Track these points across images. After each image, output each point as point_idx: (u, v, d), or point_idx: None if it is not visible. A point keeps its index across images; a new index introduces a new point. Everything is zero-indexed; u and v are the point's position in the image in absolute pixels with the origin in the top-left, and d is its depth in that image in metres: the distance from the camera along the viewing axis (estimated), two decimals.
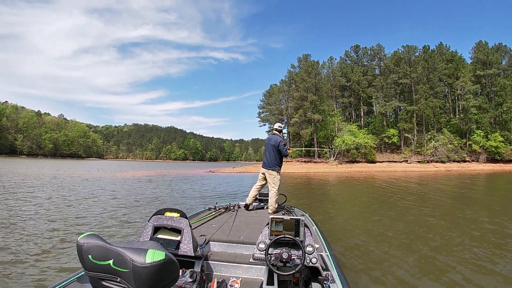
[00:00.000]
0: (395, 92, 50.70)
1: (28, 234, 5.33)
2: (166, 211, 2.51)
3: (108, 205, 8.89)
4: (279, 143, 4.78)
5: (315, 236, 3.16)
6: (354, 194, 13.75)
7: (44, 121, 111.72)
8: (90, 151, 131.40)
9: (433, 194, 13.19)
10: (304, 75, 48.35)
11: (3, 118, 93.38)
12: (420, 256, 4.51)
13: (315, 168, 42.77)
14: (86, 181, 17.48)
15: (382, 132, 48.64)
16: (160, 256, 1.06)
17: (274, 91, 55.56)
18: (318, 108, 47.76)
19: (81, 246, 1.16)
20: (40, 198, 9.75)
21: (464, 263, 4.19)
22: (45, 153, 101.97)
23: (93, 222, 6.54)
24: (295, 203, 9.13)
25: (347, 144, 44.91)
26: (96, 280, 1.18)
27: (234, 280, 2.40)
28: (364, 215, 8.17)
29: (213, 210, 4.38)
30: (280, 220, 2.39)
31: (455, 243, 5.23)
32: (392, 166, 44.34)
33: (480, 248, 4.89)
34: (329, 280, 2.15)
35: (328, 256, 2.65)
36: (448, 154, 45.39)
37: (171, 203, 9.91)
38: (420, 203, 10.11)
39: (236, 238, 3.05)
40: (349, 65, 54.54)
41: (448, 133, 47.17)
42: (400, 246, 5.05)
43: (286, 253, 2.16)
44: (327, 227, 6.16)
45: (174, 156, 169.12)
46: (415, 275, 3.79)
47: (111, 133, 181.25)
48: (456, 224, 6.75)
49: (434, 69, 49.43)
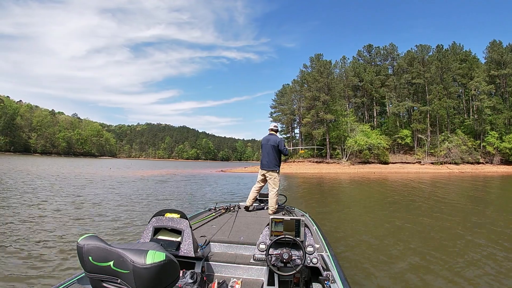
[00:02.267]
0: (409, 92, 50.24)
1: (29, 234, 5.34)
2: (166, 212, 2.51)
3: (118, 204, 9.03)
4: (279, 143, 4.80)
5: (316, 236, 3.16)
6: (365, 196, 13.57)
7: (58, 120, 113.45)
8: (103, 150, 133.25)
9: (446, 196, 12.95)
10: (316, 75, 48.08)
11: (18, 117, 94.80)
12: (426, 259, 4.48)
13: (327, 169, 42.80)
14: (97, 179, 17.83)
15: (395, 133, 48.31)
16: (160, 257, 1.07)
17: (286, 91, 55.37)
18: (330, 108, 47.50)
19: (81, 248, 1.16)
20: (54, 197, 10.01)
21: (472, 267, 4.15)
22: (58, 152, 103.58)
23: (101, 222, 6.63)
24: (305, 206, 9.21)
25: (359, 145, 44.77)
26: (96, 282, 1.18)
27: (235, 281, 2.36)
28: (374, 217, 8.07)
29: (213, 211, 4.39)
30: (280, 221, 2.38)
31: (462, 246, 5.17)
32: (405, 168, 44.18)
33: (486, 253, 4.77)
34: (330, 280, 2.13)
35: (329, 256, 2.64)
36: (461, 156, 45.02)
37: (180, 202, 9.95)
38: (431, 206, 9.95)
39: (236, 238, 3.04)
40: (361, 64, 54.04)
41: (462, 134, 46.72)
42: (408, 249, 5.02)
43: (287, 254, 2.16)
44: (337, 230, 6.20)
45: (187, 155, 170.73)
46: (418, 276, 3.81)
47: (124, 132, 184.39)
48: (467, 227, 6.64)
49: (448, 69, 48.83)
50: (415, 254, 4.69)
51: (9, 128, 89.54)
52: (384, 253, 4.72)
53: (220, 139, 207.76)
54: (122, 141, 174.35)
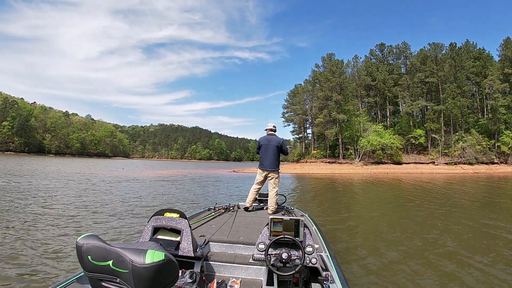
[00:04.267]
0: (422, 91, 49.76)
1: (30, 233, 5.35)
2: (165, 212, 2.50)
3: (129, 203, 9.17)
4: (282, 143, 4.78)
5: (315, 237, 3.16)
6: (378, 198, 13.31)
7: (72, 121, 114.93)
8: (116, 150, 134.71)
9: (460, 198, 12.52)
10: (328, 75, 47.77)
11: (32, 118, 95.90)
12: (432, 263, 4.40)
13: (339, 169, 42.73)
14: (109, 179, 18.10)
15: (408, 133, 47.95)
16: (159, 257, 1.07)
17: (299, 91, 55.12)
18: (343, 108, 47.28)
19: (81, 247, 1.16)
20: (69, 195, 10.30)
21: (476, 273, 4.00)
22: (72, 152, 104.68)
23: (111, 220, 6.73)
24: (316, 209, 9.13)
25: (372, 145, 44.60)
26: (95, 281, 1.18)
27: (234, 281, 2.37)
28: (386, 219, 7.89)
29: (213, 211, 4.38)
30: (280, 221, 2.37)
31: (470, 250, 5.00)
32: (419, 168, 43.98)
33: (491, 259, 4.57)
34: (329, 281, 2.12)
35: (328, 256, 2.65)
36: (476, 156, 44.67)
37: (181, 203, 9.94)
38: (443, 209, 9.55)
39: (235, 238, 3.03)
40: (374, 63, 53.49)
41: (476, 133, 46.27)
42: (417, 253, 4.89)
43: (286, 254, 2.15)
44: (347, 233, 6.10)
45: (199, 156, 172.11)
46: (422, 279, 3.78)
47: (137, 133, 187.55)
48: (478, 232, 6.38)
49: (462, 67, 48.23)
50: (425, 260, 4.55)
51: (24, 129, 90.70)
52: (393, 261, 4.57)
53: (233, 140, 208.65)
54: (135, 141, 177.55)
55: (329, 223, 6.94)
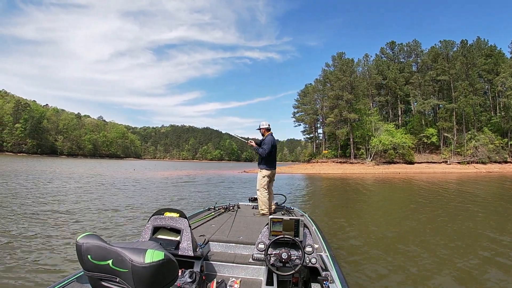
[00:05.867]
0: (434, 89, 49.33)
1: (31, 232, 5.37)
2: (165, 211, 2.49)
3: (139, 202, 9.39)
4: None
5: (315, 237, 3.16)
6: (390, 199, 13.07)
7: (84, 123, 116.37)
8: (128, 151, 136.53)
9: (472, 199, 12.18)
10: (339, 74, 47.46)
11: (44, 120, 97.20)
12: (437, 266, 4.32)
13: (351, 169, 42.60)
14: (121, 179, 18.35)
15: (420, 132, 47.70)
16: (159, 256, 1.07)
17: (309, 91, 54.81)
18: (354, 107, 47.04)
19: (80, 246, 1.16)
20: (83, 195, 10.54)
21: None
22: (84, 153, 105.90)
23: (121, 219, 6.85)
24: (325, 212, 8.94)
25: (384, 144, 44.49)
26: (95, 280, 1.18)
27: (234, 281, 2.37)
28: (391, 221, 7.71)
29: (213, 210, 4.38)
30: (280, 220, 2.36)
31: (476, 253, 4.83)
32: (431, 167, 43.79)
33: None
34: (329, 281, 2.12)
35: (328, 256, 2.64)
36: (489, 155, 44.42)
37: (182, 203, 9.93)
38: (448, 210, 9.32)
39: (235, 238, 3.03)
40: (385, 62, 53.00)
41: (489, 132, 45.96)
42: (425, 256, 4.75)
43: (286, 254, 2.15)
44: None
45: (210, 156, 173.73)
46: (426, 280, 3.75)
47: (149, 134, 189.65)
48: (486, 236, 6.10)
49: (473, 64, 47.77)
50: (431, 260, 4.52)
51: (36, 131, 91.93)
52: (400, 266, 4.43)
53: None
54: (147, 142, 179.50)
55: (335, 224, 6.93)
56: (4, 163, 32.96)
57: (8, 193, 10.16)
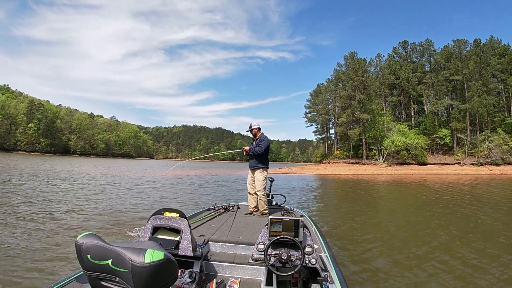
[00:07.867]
0: (447, 89, 48.85)
1: (31, 232, 5.40)
2: (165, 211, 2.50)
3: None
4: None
5: (314, 237, 3.14)
6: (402, 203, 12.78)
7: (97, 123, 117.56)
8: (140, 151, 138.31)
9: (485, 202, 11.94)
10: (351, 74, 47.10)
11: (57, 120, 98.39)
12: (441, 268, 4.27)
13: (363, 170, 42.54)
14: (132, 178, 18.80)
15: (433, 132, 47.23)
16: (159, 256, 1.07)
17: (321, 91, 54.44)
18: (366, 107, 46.74)
19: (80, 246, 1.16)
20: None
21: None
22: (97, 153, 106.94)
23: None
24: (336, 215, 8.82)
25: (396, 145, 44.25)
26: (95, 280, 1.18)
27: (233, 281, 2.37)
28: (398, 224, 7.62)
29: (213, 211, 4.39)
30: (279, 221, 2.37)
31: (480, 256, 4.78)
32: (444, 169, 43.57)
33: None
34: (328, 281, 2.12)
35: (327, 257, 2.65)
36: (502, 156, 44.03)
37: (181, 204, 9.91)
38: (458, 215, 9.09)
39: (235, 238, 3.03)
40: (397, 61, 52.32)
41: (502, 133, 45.43)
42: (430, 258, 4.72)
43: (285, 254, 2.15)
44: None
45: (222, 156, 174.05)
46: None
47: (161, 134, 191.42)
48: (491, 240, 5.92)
49: (487, 64, 47.19)
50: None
51: (49, 130, 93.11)
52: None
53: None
54: (159, 142, 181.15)
55: (343, 225, 6.94)
56: (19, 161, 33.13)
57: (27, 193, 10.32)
